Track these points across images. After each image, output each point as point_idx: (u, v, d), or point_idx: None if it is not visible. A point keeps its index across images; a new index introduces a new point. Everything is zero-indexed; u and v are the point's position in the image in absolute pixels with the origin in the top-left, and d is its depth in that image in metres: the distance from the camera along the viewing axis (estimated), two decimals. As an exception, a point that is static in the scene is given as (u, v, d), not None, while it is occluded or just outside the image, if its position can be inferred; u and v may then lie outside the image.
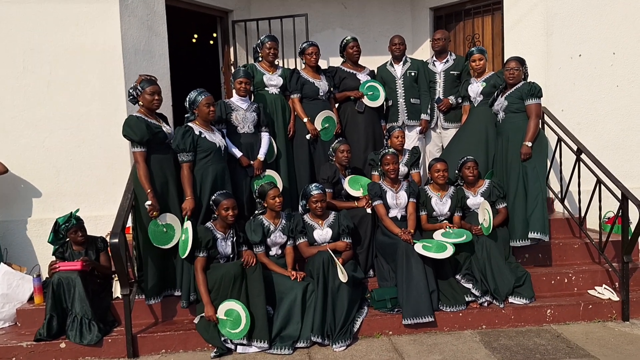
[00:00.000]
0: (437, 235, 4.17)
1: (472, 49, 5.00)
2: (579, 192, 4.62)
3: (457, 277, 4.11)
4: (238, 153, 4.39)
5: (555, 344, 3.64)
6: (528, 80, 4.57)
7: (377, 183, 4.47)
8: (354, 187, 4.62)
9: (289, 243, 4.14)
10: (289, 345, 3.67)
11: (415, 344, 3.73)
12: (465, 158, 4.53)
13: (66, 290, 3.79)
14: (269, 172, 4.52)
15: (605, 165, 4.37)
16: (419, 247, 3.97)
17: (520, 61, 4.57)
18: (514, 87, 4.52)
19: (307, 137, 4.83)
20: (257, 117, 4.53)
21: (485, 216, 4.23)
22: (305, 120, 4.82)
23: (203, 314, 3.75)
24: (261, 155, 4.47)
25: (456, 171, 4.61)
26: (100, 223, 4.97)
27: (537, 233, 4.27)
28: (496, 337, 3.79)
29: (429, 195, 4.49)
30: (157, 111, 4.11)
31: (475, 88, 4.93)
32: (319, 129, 4.85)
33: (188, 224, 3.83)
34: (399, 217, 4.39)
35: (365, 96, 5.04)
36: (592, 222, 4.85)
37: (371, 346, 3.72)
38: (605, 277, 4.34)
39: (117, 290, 4.06)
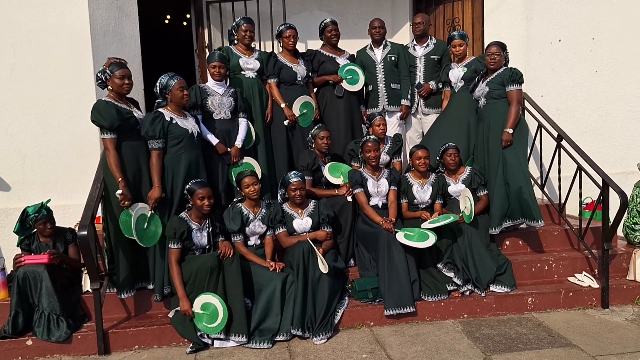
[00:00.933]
0: (425, 224, 4.09)
1: (453, 33, 4.90)
2: (559, 178, 4.59)
3: (439, 265, 4.04)
4: (214, 140, 4.23)
5: (537, 332, 3.62)
6: (509, 66, 4.50)
7: (358, 171, 4.37)
8: (334, 174, 4.51)
9: (268, 233, 4.02)
10: (268, 339, 3.57)
11: (397, 334, 3.67)
12: (446, 145, 4.45)
13: (32, 284, 3.61)
14: (247, 159, 4.38)
15: (584, 151, 4.34)
16: (400, 237, 3.89)
17: (502, 46, 4.49)
18: (495, 73, 4.45)
19: (285, 123, 4.69)
20: (234, 103, 4.36)
21: (466, 204, 4.17)
22: (283, 105, 4.68)
23: (178, 308, 3.62)
24: (239, 142, 4.32)
25: (437, 158, 4.54)
26: (68, 212, 4.77)
27: (538, 221, 4.21)
28: (478, 327, 3.76)
29: (410, 182, 4.41)
30: (128, 96, 3.91)
31: (456, 73, 4.84)
32: (297, 115, 4.71)
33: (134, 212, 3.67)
34: (379, 205, 4.30)
35: (344, 80, 4.91)
36: (569, 208, 4.83)
37: (352, 338, 3.65)
38: (584, 264, 4.34)
39: (87, 284, 3.89)
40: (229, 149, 4.27)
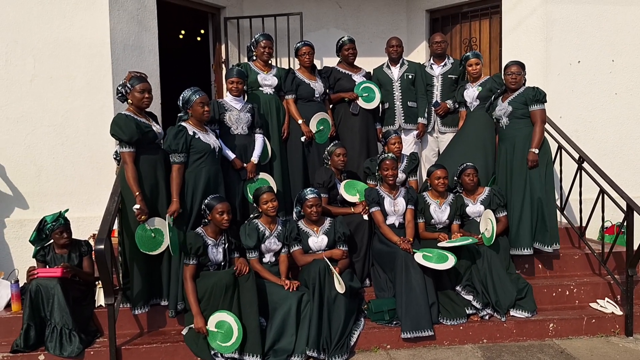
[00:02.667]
0: (442, 243, 4.01)
1: (468, 53, 4.88)
2: (580, 201, 4.52)
3: (458, 288, 3.96)
4: (231, 155, 4.21)
5: (560, 360, 3.53)
6: (530, 86, 4.45)
7: (375, 189, 4.31)
8: (350, 192, 4.45)
9: (283, 251, 3.96)
10: (283, 359, 3.49)
11: (415, 358, 3.58)
12: (464, 164, 4.40)
13: (45, 298, 3.56)
14: (262, 175, 4.35)
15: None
16: (419, 257, 3.82)
17: (522, 66, 4.46)
18: (516, 92, 4.40)
19: (302, 139, 4.67)
20: (252, 118, 4.35)
21: (487, 226, 4.09)
22: (300, 122, 4.66)
23: (192, 325, 3.56)
24: (255, 158, 4.29)
25: (455, 178, 4.48)
26: (82, 225, 4.76)
27: (551, 245, 4.18)
28: (498, 353, 3.65)
29: (427, 202, 4.35)
30: (147, 110, 3.90)
31: (471, 93, 4.81)
32: (314, 131, 4.68)
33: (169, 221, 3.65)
34: (396, 224, 4.23)
35: (360, 98, 4.88)
36: (588, 232, 4.73)
37: (369, 361, 3.57)
38: (606, 290, 4.23)
39: (100, 298, 3.85)
40: (245, 165, 4.24)
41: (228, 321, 3.45)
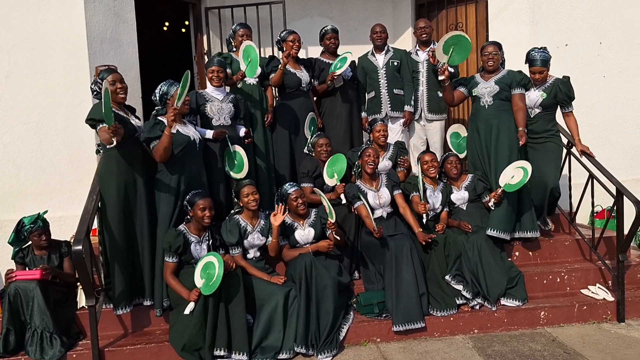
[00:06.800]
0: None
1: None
2: (570, 186, 4.47)
3: (447, 277, 3.88)
4: (209, 132, 4.02)
5: (552, 349, 3.47)
6: (514, 70, 4.37)
7: (355, 185, 4.16)
8: (328, 172, 4.15)
9: (268, 242, 3.87)
10: (271, 356, 3.42)
11: (406, 352, 3.52)
12: (447, 153, 4.38)
13: (24, 301, 3.46)
14: (237, 148, 4.09)
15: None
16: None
17: (498, 46, 4.39)
18: (501, 73, 4.32)
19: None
20: (234, 109, 4.23)
21: (515, 174, 3.96)
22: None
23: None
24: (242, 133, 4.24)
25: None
26: (64, 224, 4.64)
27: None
28: (489, 343, 3.60)
29: (424, 186, 4.26)
30: (126, 103, 3.78)
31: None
32: (309, 137, 4.54)
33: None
34: (384, 215, 4.14)
35: (336, 70, 4.65)
36: (578, 217, 4.68)
37: (359, 355, 3.49)
38: (598, 276, 4.19)
39: (82, 299, 3.75)
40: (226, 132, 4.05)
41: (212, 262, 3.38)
